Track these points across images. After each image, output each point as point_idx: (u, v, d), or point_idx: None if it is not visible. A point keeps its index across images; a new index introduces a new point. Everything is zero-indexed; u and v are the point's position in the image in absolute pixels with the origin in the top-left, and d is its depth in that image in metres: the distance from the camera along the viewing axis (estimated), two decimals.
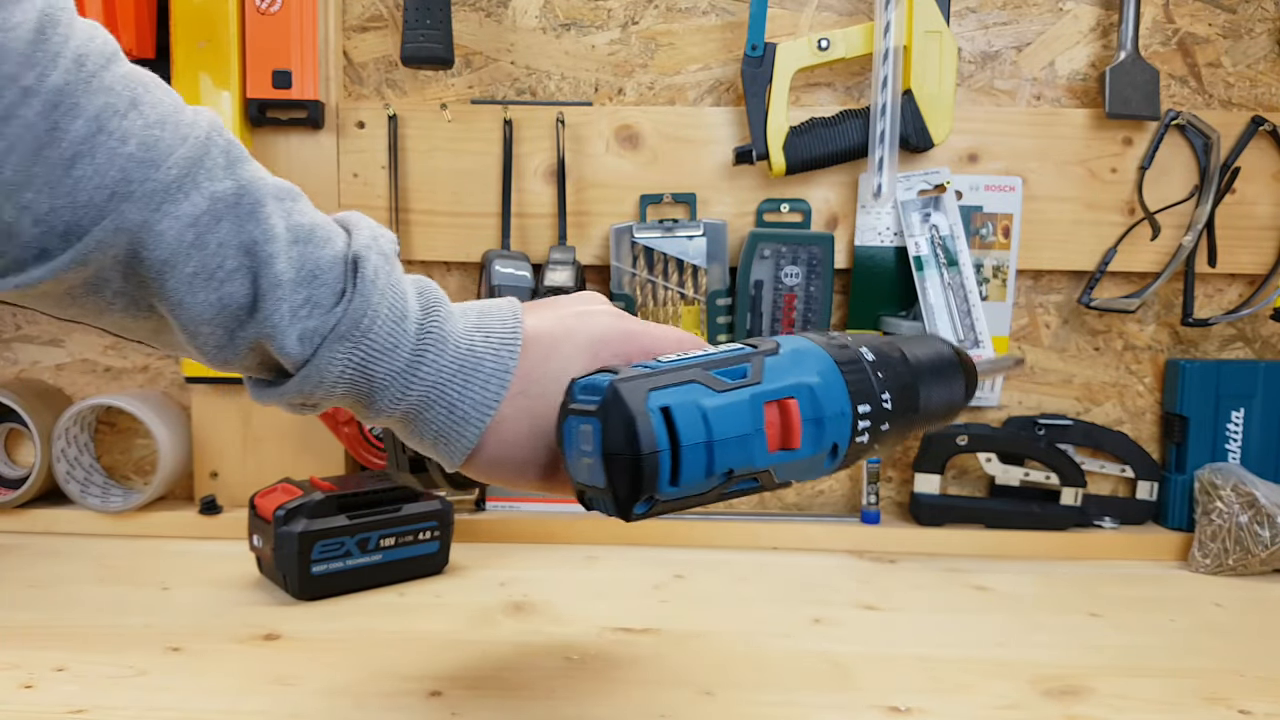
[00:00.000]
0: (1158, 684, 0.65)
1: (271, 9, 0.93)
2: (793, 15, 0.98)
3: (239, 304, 0.41)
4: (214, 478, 1.00)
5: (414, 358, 0.45)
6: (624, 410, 0.41)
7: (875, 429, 0.48)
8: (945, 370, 0.52)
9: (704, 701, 0.61)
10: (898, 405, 0.49)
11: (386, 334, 0.44)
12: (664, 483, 0.41)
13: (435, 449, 0.47)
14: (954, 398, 0.53)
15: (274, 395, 0.45)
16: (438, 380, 0.46)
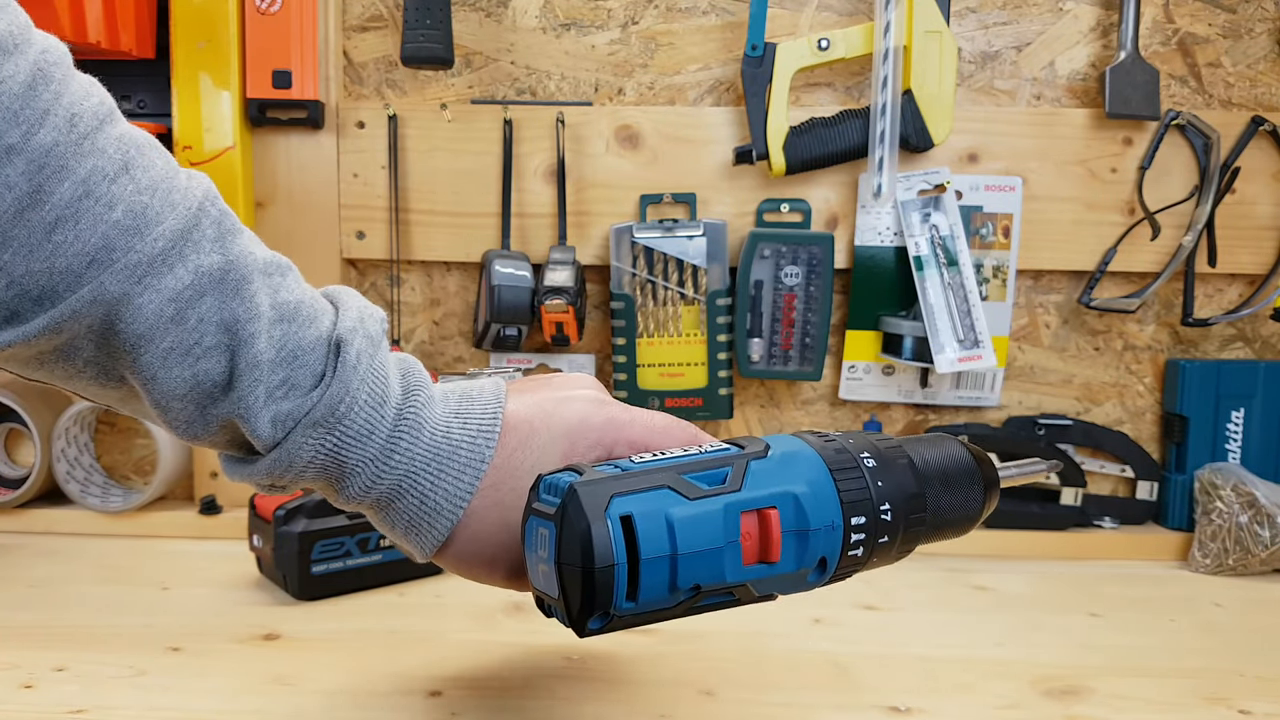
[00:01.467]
0: (1158, 684, 0.65)
1: (271, 9, 0.93)
2: (793, 15, 0.98)
3: (214, 381, 0.40)
4: (214, 478, 1.00)
5: (389, 444, 0.43)
6: (580, 517, 0.38)
7: (871, 542, 0.44)
8: (957, 477, 0.47)
9: (704, 701, 0.61)
10: (899, 516, 0.45)
11: (363, 420, 0.43)
12: (620, 598, 0.39)
13: (406, 539, 0.46)
14: (969, 507, 0.48)
15: (243, 474, 0.44)
16: (410, 469, 0.44)
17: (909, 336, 0.95)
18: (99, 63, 0.95)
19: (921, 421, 1.02)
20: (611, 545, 0.38)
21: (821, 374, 0.98)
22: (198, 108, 0.93)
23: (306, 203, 0.98)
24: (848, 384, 1.00)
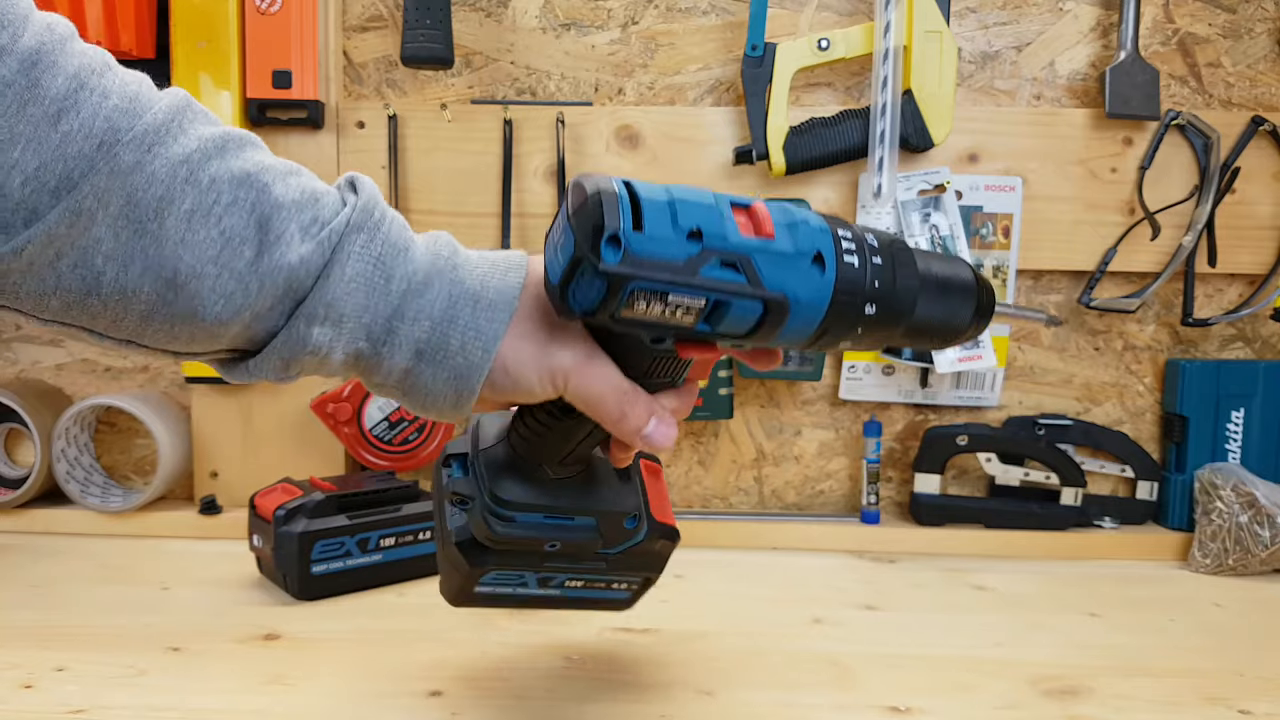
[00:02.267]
0: (1158, 684, 0.65)
1: (271, 9, 0.93)
2: (793, 15, 0.98)
3: (242, 237, 0.41)
4: (214, 478, 1.00)
5: (432, 259, 0.45)
6: (588, 182, 0.42)
7: (864, 259, 0.46)
8: (954, 283, 0.49)
9: (704, 701, 0.61)
10: (887, 257, 0.47)
11: (398, 231, 0.45)
12: (626, 223, 0.41)
13: (452, 383, 0.45)
14: (958, 311, 0.49)
15: (279, 347, 0.43)
16: (451, 298, 0.45)
17: None
18: None
19: (921, 421, 1.02)
20: (613, 183, 0.42)
21: (821, 374, 0.98)
22: None
23: None
24: (848, 384, 1.00)
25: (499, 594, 0.56)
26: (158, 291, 0.40)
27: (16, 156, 0.36)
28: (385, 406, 0.94)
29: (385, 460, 0.95)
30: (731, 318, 0.44)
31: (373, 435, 0.94)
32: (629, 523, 0.54)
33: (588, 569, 0.56)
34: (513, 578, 0.55)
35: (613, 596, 0.59)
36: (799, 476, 1.03)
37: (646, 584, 0.60)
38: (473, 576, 0.54)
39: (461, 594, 0.56)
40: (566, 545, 0.53)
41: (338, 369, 0.46)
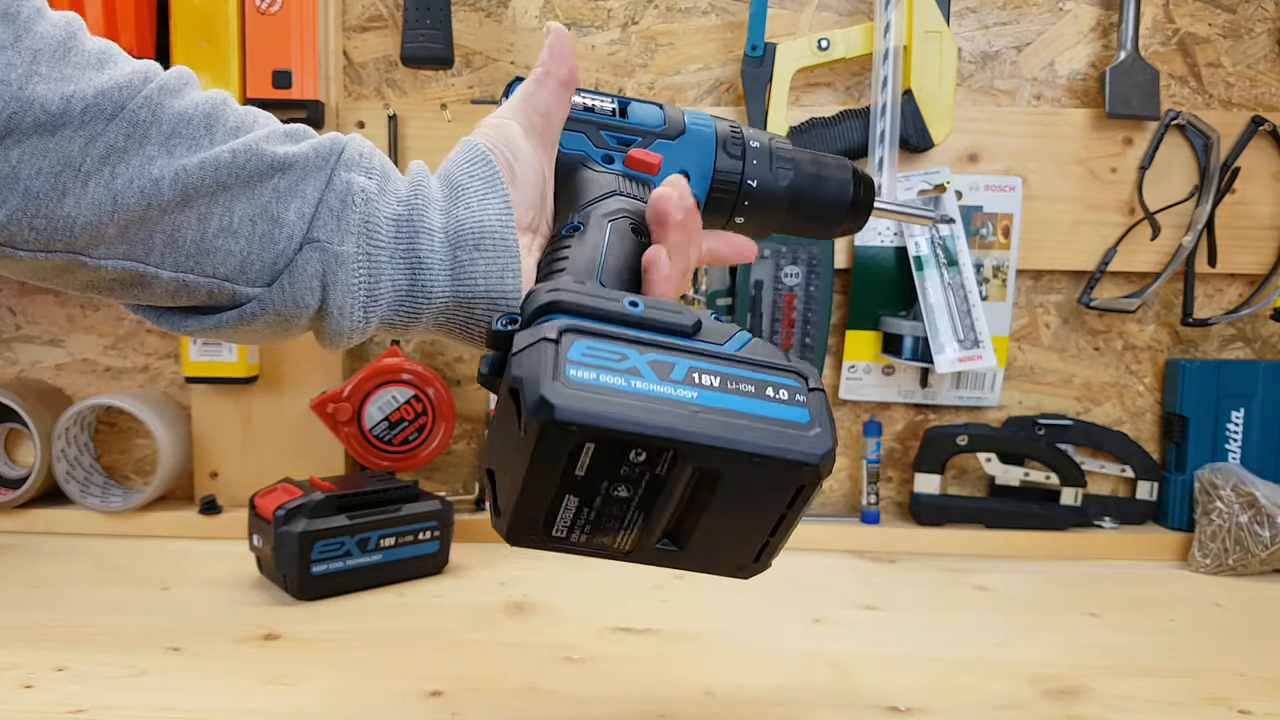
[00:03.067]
0: (1158, 684, 0.65)
1: (271, 9, 0.93)
2: (793, 15, 0.98)
3: (279, 137, 0.45)
4: (214, 478, 1.00)
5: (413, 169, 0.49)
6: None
7: (741, 144, 0.55)
8: (830, 178, 0.59)
9: (704, 701, 0.61)
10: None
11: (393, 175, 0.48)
12: None
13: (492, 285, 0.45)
14: (831, 195, 0.58)
15: (329, 199, 0.44)
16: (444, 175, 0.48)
17: (909, 336, 0.95)
18: None
19: (921, 421, 1.02)
20: None
21: (821, 374, 0.98)
22: None
23: None
24: (848, 384, 1.00)
25: (605, 386, 0.37)
26: (217, 179, 0.42)
27: (72, 90, 0.39)
28: (385, 406, 0.94)
29: (385, 460, 0.95)
30: (639, 112, 0.54)
31: (373, 435, 0.94)
32: (716, 319, 0.43)
33: (710, 355, 0.40)
34: (613, 357, 0.38)
35: (782, 415, 0.39)
36: None
37: (815, 394, 0.40)
38: (554, 346, 0.37)
39: (551, 380, 0.36)
40: (652, 309, 0.41)
41: (382, 233, 0.44)
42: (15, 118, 0.37)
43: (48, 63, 0.39)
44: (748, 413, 0.38)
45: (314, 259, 0.43)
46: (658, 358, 0.39)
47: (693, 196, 0.48)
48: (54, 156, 0.38)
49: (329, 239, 0.43)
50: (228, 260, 0.42)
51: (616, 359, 0.38)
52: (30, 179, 0.38)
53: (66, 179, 0.39)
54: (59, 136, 0.38)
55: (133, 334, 1.03)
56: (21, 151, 0.38)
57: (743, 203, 0.55)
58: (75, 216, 0.39)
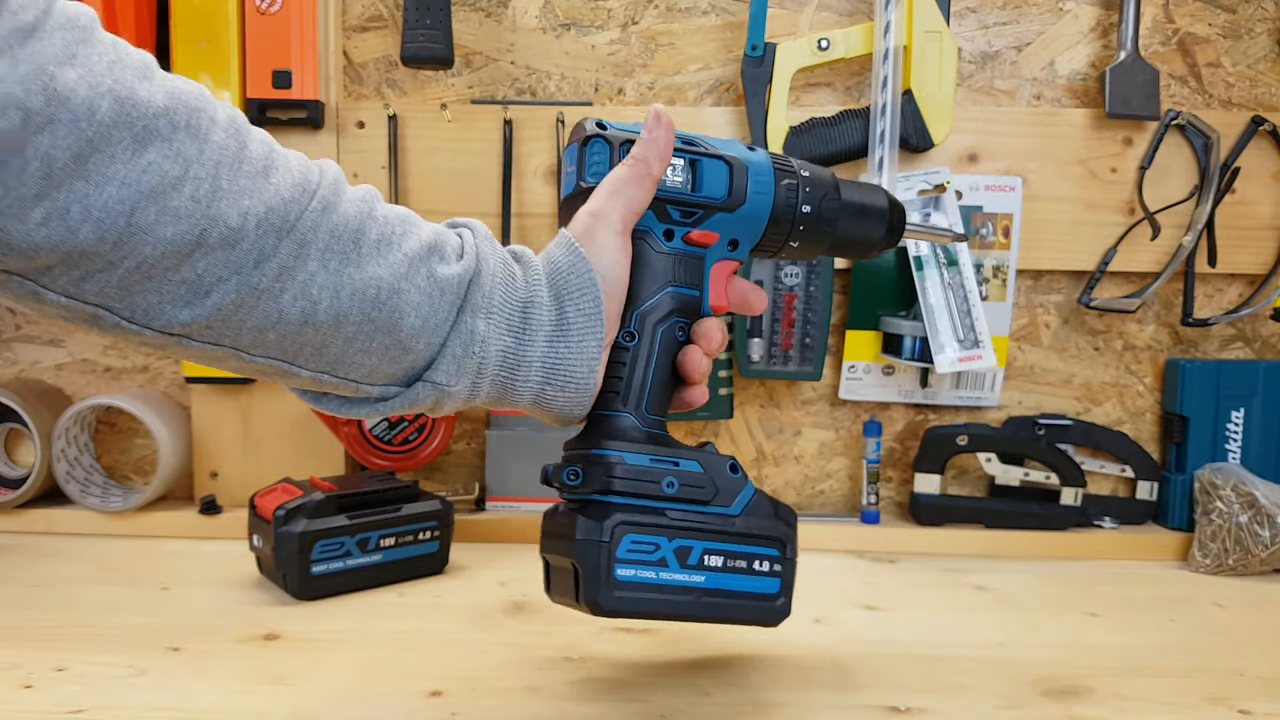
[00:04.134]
0: (1158, 684, 0.65)
1: (271, 9, 0.93)
2: (793, 15, 0.98)
3: (419, 256, 0.49)
4: (214, 478, 1.00)
5: (529, 260, 0.55)
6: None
7: (795, 178, 0.60)
8: (870, 207, 0.62)
9: (704, 701, 0.61)
10: (816, 198, 0.60)
11: (502, 248, 0.54)
12: (603, 121, 0.58)
13: (585, 329, 0.54)
14: (871, 230, 0.63)
15: (452, 344, 0.50)
16: (550, 271, 0.54)
17: (909, 336, 0.95)
18: None
19: (921, 421, 1.02)
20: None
21: (821, 374, 0.98)
22: None
23: None
24: (848, 384, 1.00)
25: (642, 581, 0.54)
26: (364, 312, 0.48)
27: (248, 204, 0.43)
28: None
29: (385, 460, 0.95)
30: (708, 177, 0.58)
31: (373, 435, 0.94)
32: (731, 470, 0.58)
33: (719, 533, 0.56)
34: (649, 548, 0.54)
35: (760, 587, 0.58)
36: (799, 476, 1.03)
37: (788, 567, 0.59)
38: (607, 547, 0.53)
39: (604, 581, 0.53)
40: (684, 487, 0.56)
41: (490, 371, 0.52)
42: (204, 234, 0.42)
43: (228, 175, 0.43)
44: (737, 590, 0.57)
45: (430, 392, 0.51)
46: (681, 544, 0.55)
47: (715, 338, 0.58)
48: (232, 268, 0.44)
49: (446, 381, 0.51)
50: (358, 370, 0.50)
51: (651, 550, 0.54)
52: (212, 287, 0.43)
53: (244, 295, 0.44)
54: (238, 250, 0.43)
55: None
56: (208, 263, 0.43)
57: (797, 228, 0.61)
58: (245, 323, 0.45)
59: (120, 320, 0.43)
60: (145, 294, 0.43)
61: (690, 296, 0.58)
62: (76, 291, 0.42)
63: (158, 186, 0.41)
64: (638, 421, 0.56)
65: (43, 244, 0.39)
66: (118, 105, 0.39)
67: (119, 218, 0.40)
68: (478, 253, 0.52)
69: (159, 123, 0.41)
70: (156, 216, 0.41)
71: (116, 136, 0.40)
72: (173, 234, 0.41)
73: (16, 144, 0.37)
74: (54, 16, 0.39)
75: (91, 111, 0.39)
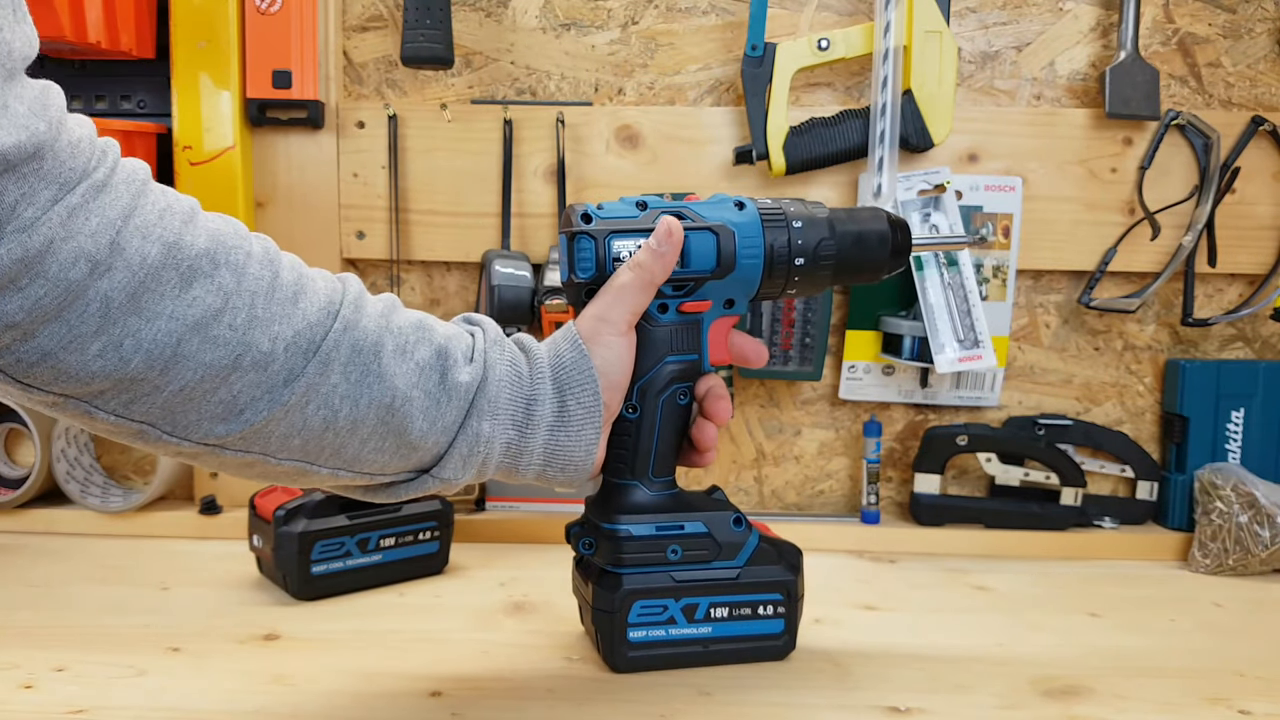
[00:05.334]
0: (1158, 684, 0.65)
1: (271, 9, 0.93)
2: (793, 15, 0.98)
3: (430, 365, 0.54)
4: (214, 478, 1.00)
5: (535, 357, 0.59)
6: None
7: (786, 228, 0.61)
8: (869, 235, 0.63)
9: (704, 701, 0.61)
10: (810, 238, 0.62)
11: (513, 345, 0.59)
12: (590, 208, 0.60)
13: (584, 426, 0.58)
14: (876, 258, 0.63)
15: (460, 445, 0.55)
16: (555, 372, 0.58)
17: (909, 336, 0.95)
18: (99, 63, 0.95)
19: (921, 421, 1.02)
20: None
21: (821, 374, 0.98)
22: (198, 108, 0.93)
23: (306, 203, 0.98)
24: (848, 384, 1.00)
25: (653, 640, 0.62)
26: (379, 417, 0.52)
27: (278, 330, 0.48)
28: None
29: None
30: (695, 251, 0.60)
31: None
32: (735, 524, 0.63)
33: (723, 587, 0.63)
34: (657, 610, 0.62)
35: (766, 629, 0.64)
36: (799, 476, 1.03)
37: (792, 607, 0.65)
38: (619, 614, 0.61)
39: (619, 645, 0.62)
40: (688, 551, 0.62)
41: (494, 461, 0.57)
42: (239, 359, 0.46)
43: (263, 304, 0.47)
44: (742, 635, 0.64)
45: (434, 484, 0.56)
46: (688, 601, 0.62)
47: (729, 405, 0.63)
48: (264, 388, 0.48)
49: (452, 476, 0.55)
50: (371, 465, 0.54)
51: (659, 612, 0.62)
52: (246, 405, 0.48)
53: (275, 412, 0.48)
54: (269, 371, 0.48)
55: None
56: (243, 383, 0.47)
57: (793, 279, 0.62)
58: (274, 433, 0.49)
59: (163, 434, 0.48)
60: (186, 413, 0.47)
61: (689, 361, 0.62)
62: (125, 412, 0.46)
63: (201, 319, 0.45)
64: (646, 488, 0.62)
65: (98, 373, 0.43)
66: (165, 250, 0.44)
67: (166, 348, 0.44)
68: (485, 360, 0.56)
69: (202, 262, 0.45)
70: (199, 345, 0.45)
71: (165, 277, 0.44)
72: (212, 359, 0.46)
73: (80, 290, 0.41)
74: (119, 173, 0.43)
75: (144, 258, 0.43)
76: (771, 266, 0.61)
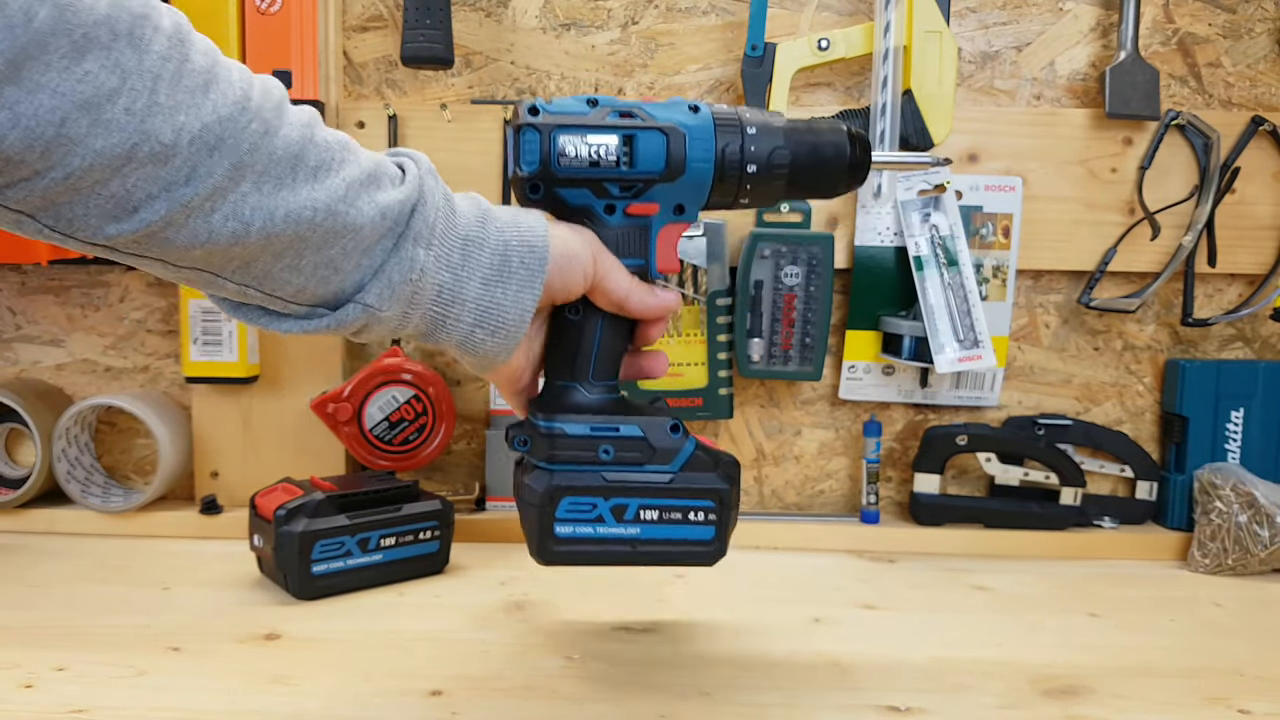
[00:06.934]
0: (1157, 684, 0.65)
1: (272, 9, 0.93)
2: (793, 15, 0.98)
3: (360, 182, 0.49)
4: (214, 477, 1.00)
5: (473, 205, 0.54)
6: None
7: (740, 132, 0.59)
8: (825, 145, 0.61)
9: (704, 701, 0.61)
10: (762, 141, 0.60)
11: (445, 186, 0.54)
12: (539, 100, 0.58)
13: (524, 276, 0.54)
14: (829, 167, 0.61)
15: (390, 270, 0.50)
16: (502, 224, 0.54)
17: (909, 336, 0.95)
18: None
19: (921, 421, 1.02)
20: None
21: (821, 374, 0.98)
22: None
23: None
24: (848, 384, 1.00)
25: (580, 536, 0.60)
26: (296, 232, 0.47)
27: (183, 120, 0.42)
28: (385, 406, 0.94)
29: (385, 460, 0.95)
30: (644, 152, 0.57)
31: (373, 435, 0.94)
32: (673, 430, 0.61)
33: (654, 490, 0.60)
34: (586, 507, 0.59)
35: (695, 535, 0.61)
36: (799, 476, 1.03)
37: (724, 514, 0.61)
38: (547, 508, 0.59)
39: (544, 538, 0.60)
40: (620, 452, 0.59)
41: (424, 302, 0.52)
42: (135, 148, 0.41)
43: (166, 89, 0.41)
44: (671, 539, 0.60)
45: (360, 314, 0.50)
46: (617, 501, 0.60)
47: (670, 300, 0.60)
48: (162, 184, 0.42)
49: (379, 305, 0.50)
50: (286, 287, 0.49)
51: (588, 510, 0.59)
52: (141, 203, 0.42)
53: (174, 212, 0.43)
54: (169, 166, 0.42)
55: (133, 334, 1.03)
56: (138, 177, 0.42)
57: (744, 188, 0.60)
58: (173, 240, 0.44)
59: (43, 228, 0.42)
60: (72, 205, 0.42)
61: (636, 266, 0.60)
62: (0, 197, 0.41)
63: (92, 98, 0.39)
64: (585, 390, 0.60)
65: None
66: (57, 12, 0.38)
67: (49, 127, 0.39)
68: (421, 183, 0.51)
69: (99, 31, 0.39)
70: (88, 128, 0.40)
71: (53, 45, 0.38)
72: (103, 146, 0.40)
73: None
74: None
75: (29, 17, 0.37)
76: (723, 171, 0.59)
